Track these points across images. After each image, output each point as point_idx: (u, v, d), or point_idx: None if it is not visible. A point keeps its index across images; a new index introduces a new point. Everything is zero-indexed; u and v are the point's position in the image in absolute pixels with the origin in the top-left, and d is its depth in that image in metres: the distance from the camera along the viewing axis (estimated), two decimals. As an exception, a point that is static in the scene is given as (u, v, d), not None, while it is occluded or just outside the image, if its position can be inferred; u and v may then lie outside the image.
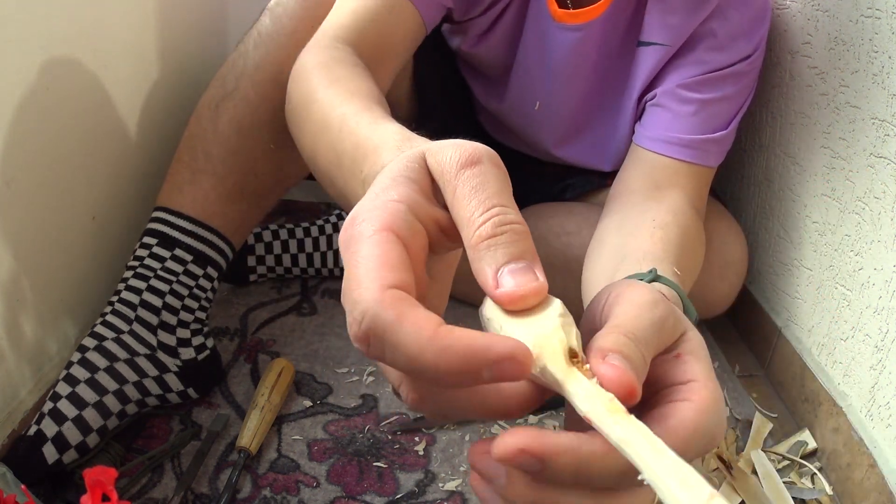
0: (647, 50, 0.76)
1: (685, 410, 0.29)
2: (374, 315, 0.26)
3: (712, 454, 0.72)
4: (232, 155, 0.73)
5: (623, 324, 0.29)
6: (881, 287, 0.69)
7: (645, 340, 0.29)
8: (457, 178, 0.30)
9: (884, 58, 0.69)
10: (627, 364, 0.27)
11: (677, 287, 0.50)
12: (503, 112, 0.90)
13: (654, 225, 0.64)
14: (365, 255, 0.27)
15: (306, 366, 0.83)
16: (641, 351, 0.28)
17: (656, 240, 0.61)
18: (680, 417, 0.29)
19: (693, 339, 0.32)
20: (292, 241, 0.96)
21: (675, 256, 0.59)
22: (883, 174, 0.69)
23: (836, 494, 0.71)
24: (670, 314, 0.31)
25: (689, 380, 0.30)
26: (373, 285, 0.26)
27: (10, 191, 0.63)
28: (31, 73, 0.64)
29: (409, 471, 0.70)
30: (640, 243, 0.61)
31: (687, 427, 0.29)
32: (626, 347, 0.28)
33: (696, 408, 0.29)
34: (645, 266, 0.56)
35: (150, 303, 0.70)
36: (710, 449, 0.32)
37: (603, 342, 0.28)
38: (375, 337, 0.26)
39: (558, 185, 0.98)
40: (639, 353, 0.28)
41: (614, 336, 0.28)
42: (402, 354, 0.26)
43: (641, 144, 0.77)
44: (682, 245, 0.63)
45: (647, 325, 0.29)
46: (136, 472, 0.66)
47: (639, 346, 0.28)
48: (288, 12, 0.74)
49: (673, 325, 0.31)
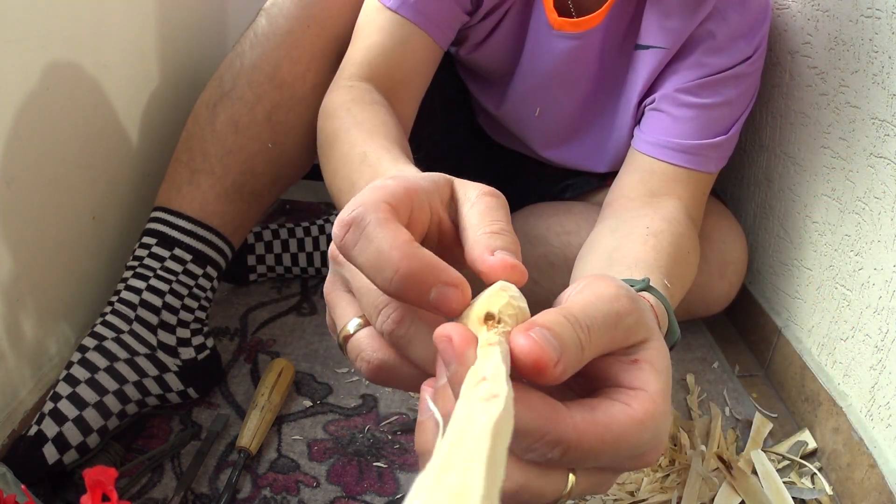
0: (646, 53, 0.76)
1: (617, 413, 0.29)
2: (365, 210, 0.29)
3: (712, 454, 0.72)
4: (229, 154, 0.74)
5: (569, 307, 0.29)
6: (881, 287, 0.69)
7: (588, 327, 0.28)
8: (479, 198, 0.33)
9: (884, 58, 0.69)
10: (550, 341, 0.26)
11: (666, 301, 0.49)
12: (501, 116, 0.90)
13: (647, 232, 0.64)
14: (373, 186, 0.31)
15: (306, 366, 0.83)
16: (579, 335, 0.28)
17: (649, 247, 0.61)
18: (608, 416, 0.29)
19: (655, 350, 0.31)
20: (292, 241, 0.96)
21: (667, 266, 0.59)
22: (883, 174, 0.69)
23: (836, 494, 0.71)
24: (632, 313, 0.30)
25: (637, 387, 0.30)
26: (373, 195, 0.30)
27: (11, 191, 0.63)
28: (32, 74, 0.64)
29: (409, 471, 0.70)
30: (631, 249, 0.61)
31: (611, 429, 0.29)
32: (558, 326, 0.27)
33: (631, 416, 0.29)
34: (636, 272, 0.55)
35: (149, 302, 0.70)
36: (637, 466, 0.31)
37: (538, 318, 0.28)
38: (357, 226, 0.29)
39: (558, 185, 0.98)
40: (573, 336, 0.27)
41: (551, 315, 0.28)
42: (373, 248, 0.28)
43: (639, 149, 0.76)
44: (675, 255, 0.62)
45: (597, 313, 0.29)
46: (136, 472, 0.66)
47: (577, 329, 0.28)
48: (283, 12, 0.74)
49: (632, 325, 0.30)
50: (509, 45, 0.81)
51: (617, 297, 0.30)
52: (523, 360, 0.26)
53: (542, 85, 0.82)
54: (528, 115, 0.87)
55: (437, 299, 0.28)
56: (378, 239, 0.28)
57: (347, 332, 0.33)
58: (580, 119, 0.86)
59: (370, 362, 0.32)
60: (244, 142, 0.74)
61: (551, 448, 0.27)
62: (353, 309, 0.33)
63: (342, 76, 0.70)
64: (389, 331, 0.30)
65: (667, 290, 0.55)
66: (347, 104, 0.65)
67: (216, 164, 0.73)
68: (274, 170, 0.76)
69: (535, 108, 0.85)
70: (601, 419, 0.28)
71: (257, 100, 0.73)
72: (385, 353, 0.32)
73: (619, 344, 0.30)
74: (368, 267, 0.29)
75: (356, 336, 0.32)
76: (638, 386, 0.30)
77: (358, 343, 0.32)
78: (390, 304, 0.30)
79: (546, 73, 0.80)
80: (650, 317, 0.32)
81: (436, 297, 0.28)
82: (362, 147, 0.57)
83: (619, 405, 0.29)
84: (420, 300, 0.28)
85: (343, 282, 0.34)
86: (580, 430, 0.28)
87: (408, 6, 0.69)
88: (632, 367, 0.31)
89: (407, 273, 0.28)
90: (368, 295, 0.31)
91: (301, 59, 0.74)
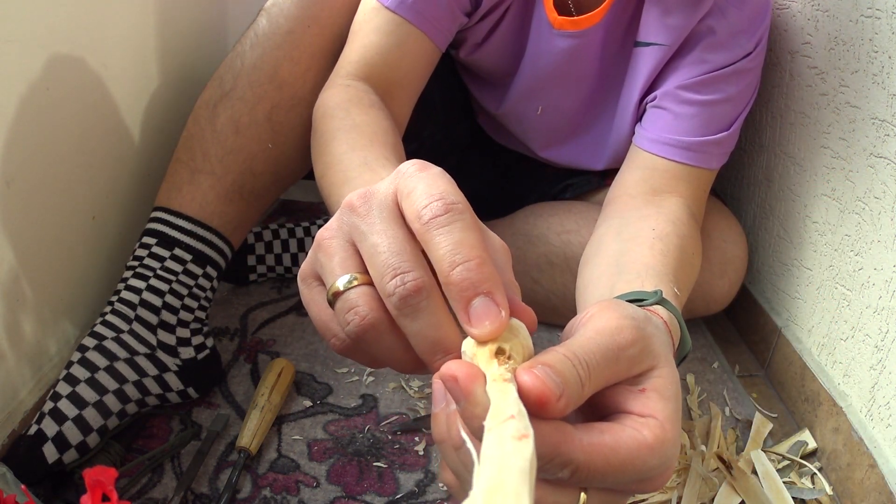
0: (646, 50, 0.76)
1: (626, 438, 0.30)
2: (461, 199, 0.31)
3: (712, 454, 0.72)
4: (230, 154, 0.73)
5: (570, 344, 0.31)
6: (881, 287, 0.69)
7: (587, 364, 0.30)
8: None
9: (884, 58, 0.69)
10: (552, 378, 0.28)
11: (677, 313, 0.50)
12: (502, 116, 0.90)
13: (653, 235, 0.64)
14: (441, 173, 0.33)
15: (306, 366, 0.83)
16: (579, 371, 0.29)
17: (656, 251, 0.61)
18: (616, 440, 0.30)
19: (663, 377, 0.33)
20: (292, 241, 0.96)
21: (674, 271, 0.59)
22: (883, 174, 0.69)
23: (836, 494, 0.71)
24: (635, 344, 0.32)
25: (648, 414, 0.31)
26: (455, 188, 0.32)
27: (10, 191, 0.63)
28: (31, 73, 0.64)
29: (409, 471, 0.70)
30: (639, 253, 0.61)
31: (618, 452, 0.30)
32: (559, 364, 0.29)
33: (639, 441, 0.30)
34: (646, 281, 0.55)
35: (149, 302, 0.70)
36: (646, 490, 0.32)
37: (542, 356, 0.30)
38: (453, 211, 0.30)
39: (558, 185, 0.98)
40: (574, 373, 0.29)
41: (553, 353, 0.30)
42: (465, 235, 0.30)
43: (641, 146, 0.76)
44: (681, 259, 0.63)
45: (597, 349, 0.31)
46: (136, 472, 0.66)
47: (577, 366, 0.29)
48: (284, 12, 0.74)
49: (636, 355, 0.32)
50: (509, 45, 0.81)
51: (619, 329, 0.32)
52: (528, 396, 0.28)
53: (542, 84, 0.82)
54: (529, 114, 0.87)
55: (479, 310, 0.29)
56: (472, 230, 0.30)
57: (336, 289, 0.32)
58: (581, 117, 0.86)
59: (364, 318, 0.31)
60: (244, 142, 0.74)
61: (561, 468, 0.29)
62: (351, 264, 0.32)
63: (339, 74, 0.70)
64: (405, 295, 0.30)
65: (677, 300, 0.55)
66: (345, 104, 0.65)
67: (216, 164, 0.73)
68: (274, 170, 0.76)
69: (537, 107, 0.85)
70: (608, 442, 0.30)
71: (258, 100, 0.73)
72: (380, 314, 0.31)
73: (623, 375, 0.32)
74: (455, 244, 0.30)
75: (349, 292, 0.32)
76: (648, 413, 0.31)
77: (352, 299, 0.32)
78: (416, 269, 0.30)
79: (547, 73, 0.80)
80: (657, 343, 0.34)
81: (478, 306, 0.29)
82: (363, 152, 0.57)
83: (628, 430, 0.31)
84: (464, 296, 0.29)
85: (350, 232, 0.33)
86: (588, 451, 0.29)
87: (406, 6, 0.69)
88: (640, 396, 0.32)
89: (480, 265, 0.29)
90: (387, 254, 0.31)
91: (301, 60, 0.74)
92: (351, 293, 0.32)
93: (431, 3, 0.70)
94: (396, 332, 0.32)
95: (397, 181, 0.32)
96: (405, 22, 0.69)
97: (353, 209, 0.33)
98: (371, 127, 0.61)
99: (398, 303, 0.30)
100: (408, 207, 0.31)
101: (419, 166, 0.33)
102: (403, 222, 0.32)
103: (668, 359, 0.34)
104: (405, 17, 0.69)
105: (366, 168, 0.54)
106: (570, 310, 0.87)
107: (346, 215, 0.33)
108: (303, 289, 0.36)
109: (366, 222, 0.32)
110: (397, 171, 0.33)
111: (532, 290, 0.87)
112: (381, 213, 0.32)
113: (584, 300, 0.61)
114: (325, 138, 0.63)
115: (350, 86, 0.68)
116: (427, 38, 0.71)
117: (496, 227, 0.91)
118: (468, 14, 0.75)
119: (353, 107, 0.64)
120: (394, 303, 0.30)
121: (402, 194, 0.32)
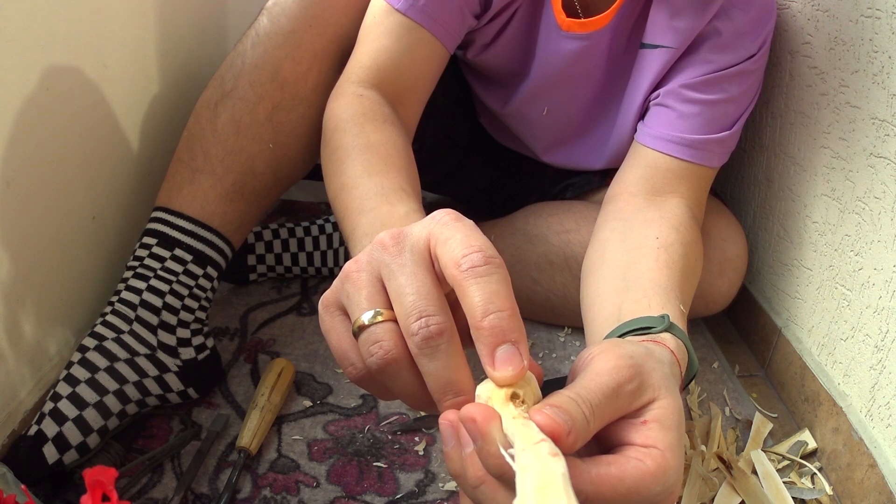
0: (653, 53, 0.76)
1: (630, 468, 0.33)
2: (496, 255, 0.34)
3: (712, 454, 0.72)
4: (230, 154, 0.73)
5: (574, 387, 0.34)
6: (881, 287, 0.69)
7: (590, 403, 0.33)
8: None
9: (884, 58, 0.69)
10: (561, 416, 0.32)
11: (684, 336, 0.52)
12: (506, 115, 0.90)
13: (658, 244, 0.64)
14: (471, 228, 0.35)
15: (306, 366, 0.83)
16: (584, 410, 0.33)
17: (661, 264, 0.62)
18: (622, 471, 0.33)
19: (664, 408, 0.36)
20: (292, 241, 0.96)
21: (679, 284, 0.61)
22: (883, 174, 0.69)
23: (836, 494, 0.71)
24: (633, 380, 0.36)
25: (650, 445, 0.35)
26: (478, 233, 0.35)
27: (10, 191, 0.63)
28: (32, 74, 0.64)
29: (409, 471, 0.70)
30: (645, 267, 0.62)
31: (624, 482, 0.33)
32: (566, 404, 0.32)
33: (643, 471, 0.33)
34: (653, 300, 0.57)
35: (150, 303, 0.70)
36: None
37: (550, 399, 0.33)
38: (491, 262, 0.33)
39: (559, 184, 0.98)
40: (580, 412, 0.33)
41: (560, 396, 0.33)
42: (500, 287, 0.33)
43: (644, 143, 0.77)
44: (685, 269, 0.64)
45: (598, 389, 0.34)
46: (136, 472, 0.66)
47: (582, 406, 0.33)
48: (286, 12, 0.74)
49: (635, 391, 0.36)
50: (517, 46, 0.81)
51: (617, 368, 0.35)
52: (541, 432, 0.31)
53: (550, 86, 0.82)
54: (535, 115, 0.87)
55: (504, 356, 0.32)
56: (506, 284, 0.33)
57: (362, 323, 0.35)
58: (586, 118, 0.86)
59: (389, 353, 0.34)
60: (245, 142, 0.74)
61: None
62: (378, 299, 0.35)
63: (349, 80, 0.69)
64: (427, 336, 0.33)
65: (682, 318, 0.56)
66: (359, 118, 0.64)
67: (217, 164, 0.73)
68: (275, 170, 0.76)
69: (542, 108, 0.85)
70: (615, 473, 0.33)
71: (259, 100, 0.73)
72: (401, 351, 0.34)
73: (624, 409, 0.35)
74: (492, 294, 0.33)
75: (375, 327, 0.34)
76: (650, 444, 0.34)
77: (377, 334, 0.34)
78: (439, 314, 0.33)
79: (554, 74, 0.80)
80: (657, 376, 0.37)
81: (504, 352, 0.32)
82: (379, 178, 0.57)
83: (633, 461, 0.34)
84: (493, 342, 0.32)
85: (379, 269, 0.35)
86: (596, 482, 0.32)
87: (417, 9, 0.68)
88: (642, 428, 0.35)
89: (511, 316, 0.33)
90: (414, 297, 0.33)
91: (303, 59, 0.74)
92: (377, 328, 0.34)
93: (442, 6, 0.69)
94: (414, 369, 0.34)
95: (432, 227, 0.35)
96: (417, 26, 0.69)
97: (385, 248, 0.35)
98: (386, 148, 0.61)
99: (420, 342, 0.33)
100: (444, 254, 0.34)
101: (454, 216, 0.36)
102: (432, 267, 0.35)
103: (668, 390, 0.37)
104: (416, 21, 0.69)
105: (383, 198, 0.55)
106: (569, 310, 0.87)
107: (378, 252, 0.36)
108: (324, 315, 0.38)
109: (396, 262, 0.35)
110: (432, 218, 0.36)
111: (531, 290, 0.87)
112: (412, 255, 0.35)
113: (591, 318, 0.62)
114: (338, 155, 0.62)
115: (363, 96, 0.67)
116: (438, 41, 0.71)
117: (496, 226, 0.92)
118: (477, 16, 0.75)
119: (366, 122, 0.64)
120: (416, 342, 0.33)
121: (437, 240, 0.34)
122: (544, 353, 0.88)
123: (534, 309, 0.89)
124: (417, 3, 0.68)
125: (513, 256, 0.87)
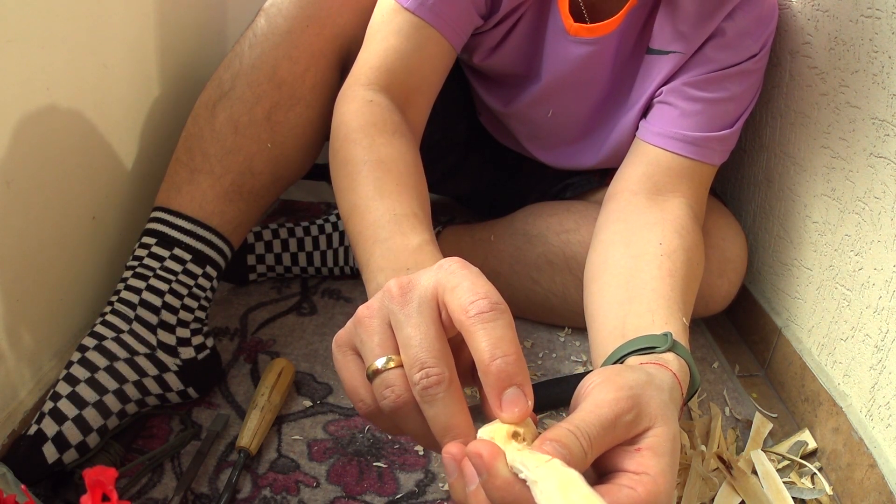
0: (662, 58, 0.76)
1: (623, 497, 0.35)
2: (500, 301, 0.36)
3: (712, 454, 0.72)
4: (229, 154, 0.73)
5: (573, 419, 0.36)
6: (881, 287, 0.69)
7: (588, 434, 0.35)
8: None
9: (884, 58, 0.69)
10: (559, 450, 0.34)
11: (686, 353, 0.53)
12: (507, 114, 0.90)
13: (661, 251, 0.65)
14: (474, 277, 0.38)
15: (306, 366, 0.83)
16: (582, 443, 0.35)
17: (665, 273, 0.62)
18: (615, 499, 0.35)
19: (656, 436, 0.38)
20: (292, 240, 0.96)
21: (682, 294, 0.62)
22: (883, 174, 0.69)
23: (836, 494, 0.71)
24: (630, 410, 0.38)
25: (642, 472, 0.36)
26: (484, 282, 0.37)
27: (10, 191, 0.63)
28: (31, 73, 0.64)
29: (409, 471, 0.70)
30: (648, 276, 0.62)
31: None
32: (565, 437, 0.35)
33: (634, 498, 0.35)
34: (656, 316, 0.57)
35: (149, 302, 0.70)
36: None
37: (548, 433, 0.35)
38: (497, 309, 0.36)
39: (558, 184, 0.98)
40: (577, 443, 0.35)
41: (559, 429, 0.35)
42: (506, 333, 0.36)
43: (646, 139, 0.77)
44: (688, 276, 0.64)
45: (596, 421, 0.36)
46: (136, 472, 0.66)
47: (580, 438, 0.35)
48: (283, 12, 0.74)
49: (632, 421, 0.38)
50: (524, 50, 0.81)
51: (616, 401, 0.38)
52: None
53: (556, 89, 0.82)
54: (539, 116, 0.87)
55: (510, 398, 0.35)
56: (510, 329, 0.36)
57: (376, 367, 0.38)
58: (589, 121, 0.86)
59: (400, 397, 0.37)
60: (243, 142, 0.74)
61: None
62: (389, 346, 0.38)
63: (358, 82, 0.69)
64: (426, 386, 0.36)
65: (685, 332, 0.58)
66: (369, 129, 0.64)
67: (216, 163, 0.73)
68: (273, 169, 0.76)
69: (548, 110, 0.85)
70: (610, 501, 0.35)
71: (257, 100, 0.73)
72: (411, 395, 0.37)
73: (620, 439, 0.38)
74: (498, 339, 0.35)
75: (388, 373, 0.37)
76: (642, 471, 0.36)
77: (389, 379, 0.37)
78: (439, 365, 0.36)
79: (560, 79, 0.80)
80: (655, 404, 0.39)
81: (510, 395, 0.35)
82: (391, 201, 0.57)
83: (625, 489, 0.36)
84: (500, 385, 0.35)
85: (388, 316, 0.38)
86: None
87: (426, 7, 0.68)
88: (635, 455, 0.37)
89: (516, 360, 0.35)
90: (417, 349, 0.36)
91: (300, 59, 0.74)
92: (389, 374, 0.37)
93: (450, 5, 0.69)
94: (421, 412, 0.37)
95: (439, 276, 0.38)
96: (425, 24, 0.69)
97: (392, 297, 0.38)
98: (397, 165, 0.61)
99: (420, 391, 0.36)
100: (452, 301, 0.36)
101: (461, 264, 0.38)
102: (437, 317, 0.37)
103: (665, 418, 0.39)
104: (425, 19, 0.69)
105: (396, 227, 0.55)
106: (569, 310, 0.87)
107: (387, 300, 0.39)
108: (337, 354, 0.41)
109: (404, 312, 0.37)
110: (439, 266, 0.38)
111: (531, 290, 0.87)
112: (419, 307, 0.37)
113: (596, 329, 0.62)
114: (348, 169, 0.62)
115: (372, 101, 0.66)
116: (445, 40, 0.71)
117: (496, 226, 0.91)
118: (484, 17, 0.75)
119: (377, 134, 0.63)
120: (418, 391, 0.36)
121: (444, 288, 0.37)
122: (544, 353, 0.88)
123: (533, 309, 0.89)
124: (427, 2, 0.68)
125: (512, 256, 0.87)
